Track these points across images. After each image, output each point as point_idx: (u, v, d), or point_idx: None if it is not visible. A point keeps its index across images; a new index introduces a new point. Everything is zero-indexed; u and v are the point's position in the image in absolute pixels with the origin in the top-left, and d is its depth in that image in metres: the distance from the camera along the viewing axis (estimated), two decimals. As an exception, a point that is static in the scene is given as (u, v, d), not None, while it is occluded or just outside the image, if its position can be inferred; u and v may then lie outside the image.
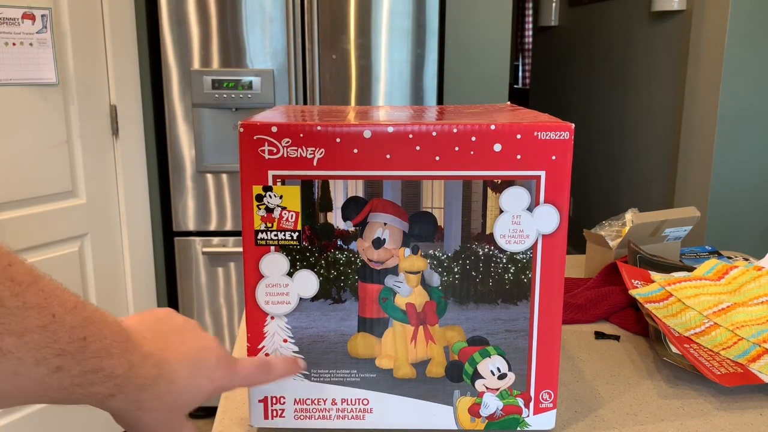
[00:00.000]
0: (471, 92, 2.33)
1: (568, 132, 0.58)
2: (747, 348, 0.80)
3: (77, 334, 0.40)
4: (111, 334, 0.44)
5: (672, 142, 2.91)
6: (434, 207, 0.60)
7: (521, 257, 0.60)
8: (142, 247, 2.22)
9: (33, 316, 0.37)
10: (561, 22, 4.15)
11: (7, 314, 0.36)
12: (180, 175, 2.22)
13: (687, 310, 0.88)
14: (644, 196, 3.18)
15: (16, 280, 0.37)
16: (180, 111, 2.17)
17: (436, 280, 0.61)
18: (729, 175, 2.56)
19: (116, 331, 0.44)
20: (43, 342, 0.38)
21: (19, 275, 0.37)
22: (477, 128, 0.58)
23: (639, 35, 3.18)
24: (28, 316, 0.37)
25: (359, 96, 2.19)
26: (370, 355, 0.62)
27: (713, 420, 0.69)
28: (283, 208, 0.59)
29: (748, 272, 0.97)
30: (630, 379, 0.78)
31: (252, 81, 2.14)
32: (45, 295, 0.39)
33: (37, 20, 1.82)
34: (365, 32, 2.15)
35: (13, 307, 0.36)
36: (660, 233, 1.11)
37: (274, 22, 2.12)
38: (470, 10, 2.28)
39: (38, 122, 1.87)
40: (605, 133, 3.57)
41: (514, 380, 0.63)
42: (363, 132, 0.57)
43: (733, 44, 2.46)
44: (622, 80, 3.38)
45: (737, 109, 2.51)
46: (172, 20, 2.11)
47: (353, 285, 0.61)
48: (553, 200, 0.59)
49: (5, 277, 0.36)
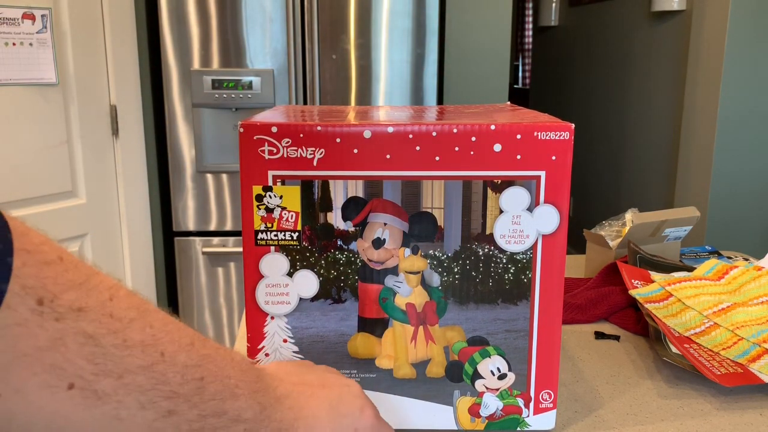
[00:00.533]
0: (471, 92, 2.33)
1: (568, 132, 0.58)
2: (747, 348, 0.80)
3: (192, 374, 0.36)
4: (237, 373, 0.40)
5: (672, 142, 2.91)
6: (434, 207, 0.60)
7: (521, 257, 0.60)
8: (142, 247, 2.22)
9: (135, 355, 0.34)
10: (561, 22, 4.15)
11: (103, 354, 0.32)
12: (180, 175, 2.22)
13: (687, 310, 0.88)
14: (644, 196, 3.18)
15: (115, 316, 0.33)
16: (180, 111, 2.17)
17: (436, 280, 0.61)
18: (729, 175, 2.56)
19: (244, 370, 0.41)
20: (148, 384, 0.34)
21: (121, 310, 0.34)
22: (477, 128, 0.58)
23: (639, 35, 3.18)
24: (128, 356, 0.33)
25: (359, 96, 2.19)
26: (370, 355, 0.62)
27: (713, 420, 0.69)
28: (283, 208, 0.59)
29: (748, 272, 0.97)
30: (630, 379, 0.78)
31: (252, 81, 2.13)
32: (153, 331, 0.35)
33: (37, 20, 1.82)
34: (365, 32, 2.15)
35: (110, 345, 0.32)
36: (660, 233, 1.11)
37: (274, 22, 2.12)
38: (470, 10, 2.28)
39: (38, 122, 1.87)
40: (605, 133, 3.57)
41: (514, 380, 0.63)
42: (363, 132, 0.57)
43: (733, 44, 2.46)
44: (622, 80, 3.37)
45: (737, 109, 2.51)
46: (172, 20, 2.11)
47: (353, 285, 0.61)
48: (553, 200, 0.59)
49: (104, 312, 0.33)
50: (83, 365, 0.32)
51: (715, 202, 2.58)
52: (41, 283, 0.30)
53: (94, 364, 0.32)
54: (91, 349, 0.32)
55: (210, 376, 0.38)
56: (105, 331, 0.33)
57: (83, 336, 0.32)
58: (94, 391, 0.32)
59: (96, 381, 0.32)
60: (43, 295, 0.30)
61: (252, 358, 0.63)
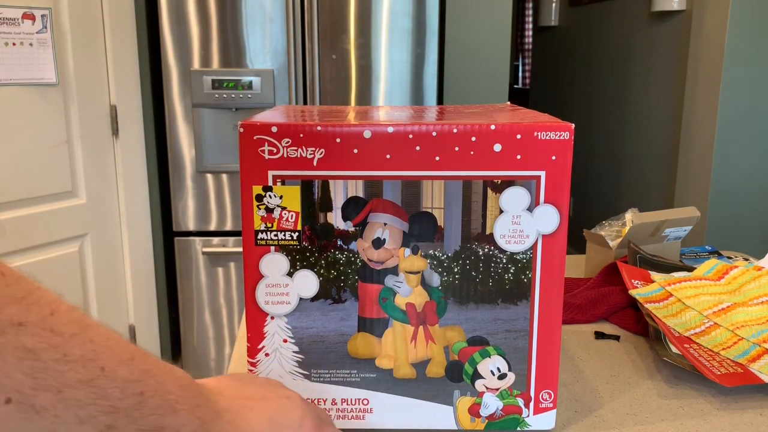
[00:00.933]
0: (471, 92, 2.33)
1: (568, 132, 0.58)
2: (747, 348, 0.80)
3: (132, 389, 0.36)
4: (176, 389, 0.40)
5: (672, 142, 2.91)
6: (434, 207, 0.60)
7: (521, 257, 0.60)
8: (142, 247, 2.22)
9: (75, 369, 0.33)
10: (561, 22, 4.15)
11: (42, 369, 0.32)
12: (180, 175, 2.22)
13: (687, 310, 0.88)
14: (644, 196, 3.18)
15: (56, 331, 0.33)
16: (180, 111, 2.17)
17: (436, 280, 0.61)
18: (729, 175, 2.56)
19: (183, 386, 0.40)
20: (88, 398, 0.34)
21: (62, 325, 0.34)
22: (477, 128, 0.58)
23: (639, 35, 3.18)
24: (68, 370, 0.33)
25: (359, 96, 2.19)
26: (370, 355, 0.62)
27: (713, 420, 0.69)
28: (283, 208, 0.59)
29: (748, 272, 0.97)
30: (630, 379, 0.78)
31: (252, 81, 2.14)
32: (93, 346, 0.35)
33: (37, 20, 1.82)
34: (365, 32, 2.15)
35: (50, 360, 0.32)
36: (660, 233, 1.11)
37: (274, 22, 2.12)
38: (470, 10, 2.28)
39: (38, 122, 1.87)
40: (605, 133, 3.57)
41: (514, 380, 0.63)
42: (363, 132, 0.57)
43: (733, 44, 2.46)
44: (622, 80, 3.37)
45: (737, 110, 2.51)
46: (172, 20, 2.11)
47: (353, 285, 0.61)
48: (553, 200, 0.59)
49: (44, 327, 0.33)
50: (22, 379, 0.32)
51: (715, 202, 2.58)
52: None
53: (33, 378, 0.32)
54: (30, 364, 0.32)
55: (150, 391, 0.37)
56: (45, 345, 0.33)
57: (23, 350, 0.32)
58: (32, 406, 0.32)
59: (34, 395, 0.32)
60: None
61: (252, 358, 0.63)
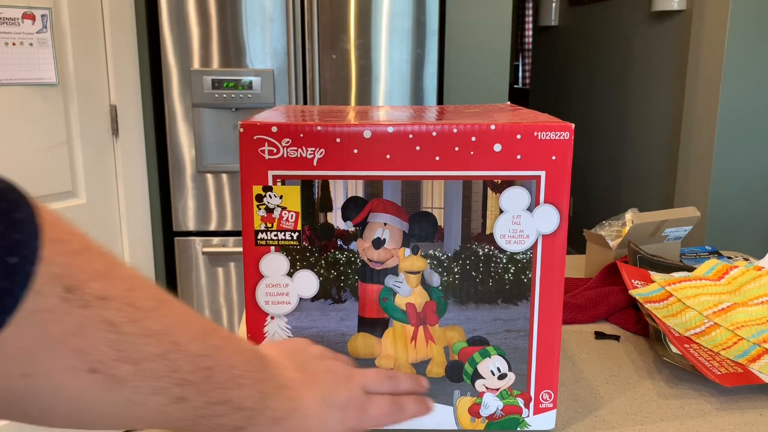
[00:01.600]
0: (471, 92, 2.33)
1: (568, 132, 0.58)
2: (747, 348, 0.80)
3: (202, 363, 0.38)
4: (242, 363, 0.41)
5: (672, 142, 2.91)
6: (434, 207, 0.60)
7: (521, 257, 0.60)
8: (142, 247, 2.22)
9: (152, 343, 0.35)
10: (561, 22, 4.15)
11: (123, 342, 0.34)
12: (180, 175, 2.22)
13: (687, 310, 0.88)
14: (644, 196, 3.18)
15: (135, 305, 0.35)
16: (180, 111, 2.17)
17: (436, 280, 0.61)
18: (729, 175, 2.56)
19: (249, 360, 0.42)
20: (162, 371, 0.36)
21: (141, 300, 0.35)
22: (477, 128, 0.58)
23: (639, 35, 3.18)
24: (145, 344, 0.35)
25: (359, 96, 2.19)
26: (370, 355, 0.62)
27: (713, 420, 0.69)
28: (283, 208, 0.59)
29: (748, 272, 0.97)
30: (630, 379, 0.78)
31: (252, 81, 2.13)
32: (168, 321, 0.37)
33: (37, 20, 1.82)
34: (365, 32, 2.15)
35: (130, 333, 0.34)
36: (660, 233, 1.11)
37: (274, 22, 2.12)
38: (470, 10, 2.28)
39: (38, 122, 1.87)
40: (605, 133, 3.57)
41: (514, 380, 0.63)
42: (363, 132, 0.57)
43: (733, 44, 2.46)
44: (622, 80, 3.37)
45: (737, 110, 2.51)
46: (172, 20, 2.11)
47: (353, 285, 0.61)
48: (553, 200, 0.59)
49: (125, 302, 0.34)
50: (105, 351, 0.33)
51: (715, 202, 2.58)
52: (69, 272, 0.32)
53: (116, 350, 0.33)
54: (113, 336, 0.33)
55: (218, 365, 0.39)
56: (126, 319, 0.34)
57: (106, 323, 0.33)
58: (113, 376, 0.34)
59: (116, 366, 0.34)
60: (70, 284, 0.32)
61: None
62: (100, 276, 0.34)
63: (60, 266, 0.31)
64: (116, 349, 0.34)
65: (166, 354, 0.36)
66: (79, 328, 0.32)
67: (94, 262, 0.34)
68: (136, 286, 0.36)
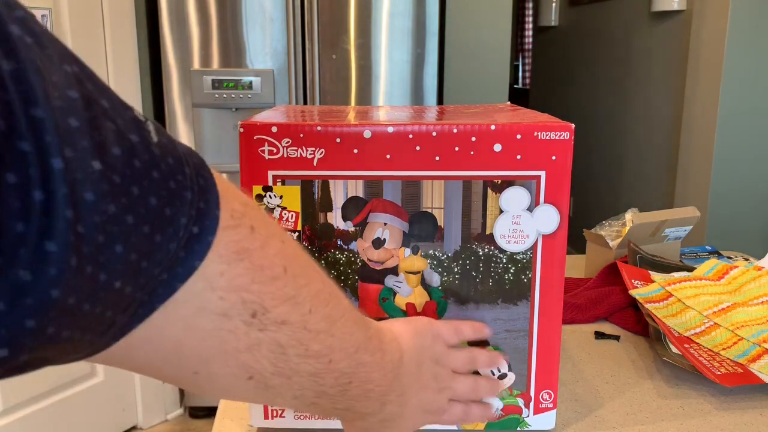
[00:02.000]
0: (471, 92, 2.33)
1: (568, 132, 0.58)
2: (747, 348, 0.80)
3: (344, 380, 0.41)
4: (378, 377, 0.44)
5: (672, 142, 2.91)
6: (434, 207, 0.60)
7: (521, 257, 0.60)
8: (142, 247, 2.22)
9: (309, 363, 0.38)
10: (561, 22, 4.15)
11: (284, 360, 0.36)
12: (180, 175, 2.22)
13: (687, 310, 0.88)
14: (644, 196, 3.18)
15: (308, 328, 0.37)
16: (180, 111, 2.17)
17: (436, 280, 0.61)
18: (729, 175, 2.56)
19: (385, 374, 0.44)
20: (308, 384, 0.39)
21: (314, 322, 0.37)
22: (477, 128, 0.58)
23: (639, 35, 3.18)
24: (302, 363, 0.37)
25: (359, 96, 2.19)
26: (370, 355, 0.62)
27: (713, 420, 0.69)
28: (283, 208, 0.59)
29: (748, 272, 0.97)
30: (630, 379, 0.78)
31: (252, 81, 2.14)
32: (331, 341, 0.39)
33: (37, 20, 1.81)
34: (365, 32, 2.15)
35: (293, 354, 0.37)
36: (660, 233, 1.11)
37: (274, 22, 2.12)
38: (470, 10, 2.28)
39: (38, 122, 1.86)
40: (605, 133, 3.57)
41: (514, 380, 0.63)
42: (363, 132, 0.57)
43: (733, 44, 2.46)
44: (622, 80, 3.37)
45: (737, 109, 2.51)
46: (172, 20, 2.11)
47: (353, 285, 0.61)
48: (553, 200, 0.59)
49: (300, 326, 0.36)
50: (266, 366, 0.36)
51: (715, 202, 2.58)
52: (261, 300, 0.34)
53: (275, 366, 0.36)
54: (277, 356, 0.36)
55: (356, 381, 0.42)
56: (295, 342, 0.37)
57: (276, 345, 0.36)
58: (266, 384, 0.37)
59: (271, 378, 0.37)
60: (257, 310, 0.34)
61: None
62: (287, 300, 0.36)
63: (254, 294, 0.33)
64: (276, 365, 0.36)
65: (317, 373, 0.39)
66: (251, 347, 0.35)
67: (287, 286, 0.36)
68: (315, 308, 0.37)
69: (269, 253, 0.35)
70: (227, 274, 0.32)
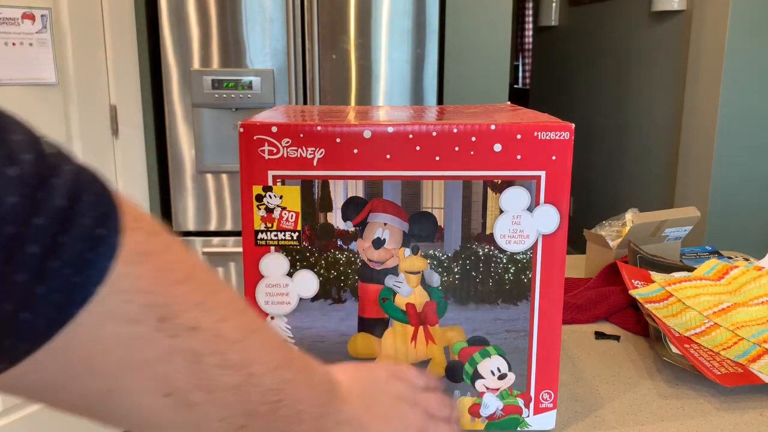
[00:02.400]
0: (471, 92, 2.33)
1: (568, 132, 0.58)
2: (747, 348, 0.80)
3: (271, 397, 0.39)
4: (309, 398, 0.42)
5: (672, 141, 2.91)
6: (434, 207, 0.60)
7: (521, 257, 0.60)
8: (142, 247, 2.22)
9: (229, 374, 0.36)
10: (561, 22, 4.15)
11: (203, 371, 0.35)
12: (180, 175, 2.22)
13: (687, 310, 0.88)
14: (644, 196, 3.18)
15: (223, 336, 0.36)
16: (180, 111, 2.17)
17: (436, 280, 0.61)
18: (729, 175, 2.56)
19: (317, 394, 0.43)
20: (233, 400, 0.37)
21: (229, 331, 0.36)
22: (477, 128, 0.57)
23: (639, 35, 3.18)
24: (223, 375, 0.36)
25: (359, 96, 2.19)
26: (370, 355, 0.62)
27: (713, 420, 0.69)
28: (283, 208, 0.59)
29: (748, 272, 0.97)
30: (630, 379, 0.78)
31: (252, 81, 2.13)
32: (249, 354, 0.37)
33: (37, 20, 1.82)
34: (365, 32, 2.15)
35: (210, 364, 0.35)
36: (660, 233, 1.11)
37: (274, 22, 2.12)
38: (470, 10, 2.28)
39: (38, 122, 1.86)
40: (605, 133, 3.57)
41: (515, 380, 0.63)
42: (363, 132, 0.57)
43: (733, 44, 2.46)
44: (622, 80, 3.37)
45: (737, 109, 2.51)
46: (172, 20, 2.11)
47: (353, 285, 0.61)
48: (553, 200, 0.59)
49: (213, 333, 0.35)
50: (183, 379, 0.34)
51: (715, 202, 2.58)
52: (167, 302, 0.33)
53: (194, 378, 0.35)
54: (194, 366, 0.35)
55: (286, 399, 0.40)
56: (210, 351, 0.35)
57: (191, 353, 0.34)
58: (186, 401, 0.35)
59: (190, 393, 0.35)
60: (165, 314, 0.33)
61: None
62: (196, 306, 0.35)
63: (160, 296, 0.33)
64: (195, 377, 0.35)
65: (240, 386, 0.37)
66: (164, 356, 0.33)
67: (194, 291, 0.35)
68: (228, 316, 0.36)
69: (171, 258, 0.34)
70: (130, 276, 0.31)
